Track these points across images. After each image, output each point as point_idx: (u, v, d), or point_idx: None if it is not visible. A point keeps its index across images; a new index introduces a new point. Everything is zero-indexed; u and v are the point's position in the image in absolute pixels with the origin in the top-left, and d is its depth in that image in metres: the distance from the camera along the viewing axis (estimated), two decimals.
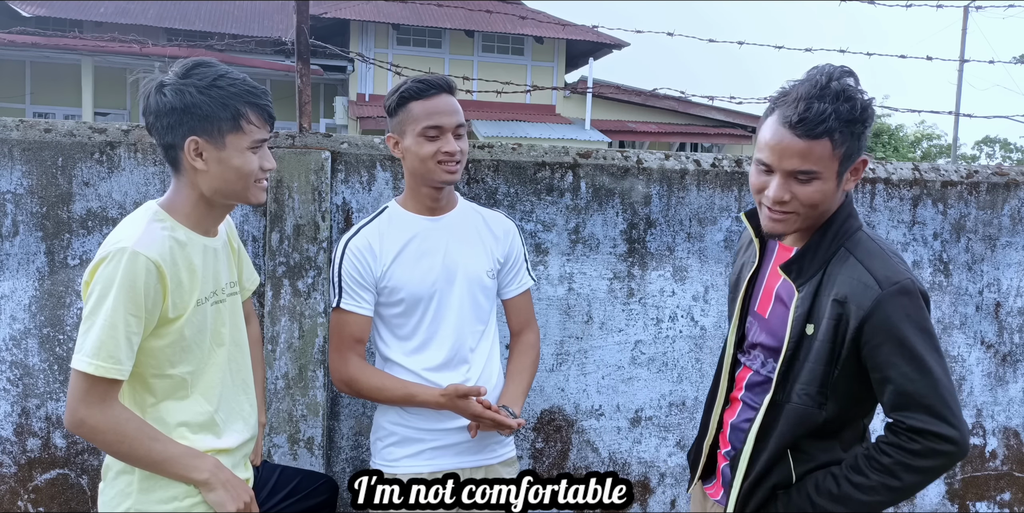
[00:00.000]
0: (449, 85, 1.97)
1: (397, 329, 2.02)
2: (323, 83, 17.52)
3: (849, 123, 1.51)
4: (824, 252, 1.61)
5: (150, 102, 1.61)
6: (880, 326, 1.52)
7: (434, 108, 1.94)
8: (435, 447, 2.01)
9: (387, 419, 2.04)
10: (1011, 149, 35.51)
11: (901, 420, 1.52)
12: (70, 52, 14.11)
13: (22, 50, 14.33)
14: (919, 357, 1.51)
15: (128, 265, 1.51)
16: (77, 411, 1.53)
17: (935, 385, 1.51)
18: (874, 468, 1.54)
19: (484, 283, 2.05)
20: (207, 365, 1.68)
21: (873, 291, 1.52)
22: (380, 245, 1.99)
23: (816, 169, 1.53)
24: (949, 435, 1.49)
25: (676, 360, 2.65)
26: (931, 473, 1.53)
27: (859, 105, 1.52)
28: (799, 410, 1.62)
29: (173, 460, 1.59)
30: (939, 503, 2.89)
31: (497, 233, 2.11)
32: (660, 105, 17.82)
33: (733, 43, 3.41)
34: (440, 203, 2.04)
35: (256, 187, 1.68)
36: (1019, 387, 2.93)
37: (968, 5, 8.29)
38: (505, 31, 17.06)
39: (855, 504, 1.55)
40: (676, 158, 2.64)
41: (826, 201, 1.57)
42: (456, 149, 1.94)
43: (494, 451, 2.07)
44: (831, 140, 1.51)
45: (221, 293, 1.72)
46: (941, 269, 2.83)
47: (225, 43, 3.32)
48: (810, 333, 1.60)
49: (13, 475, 2.27)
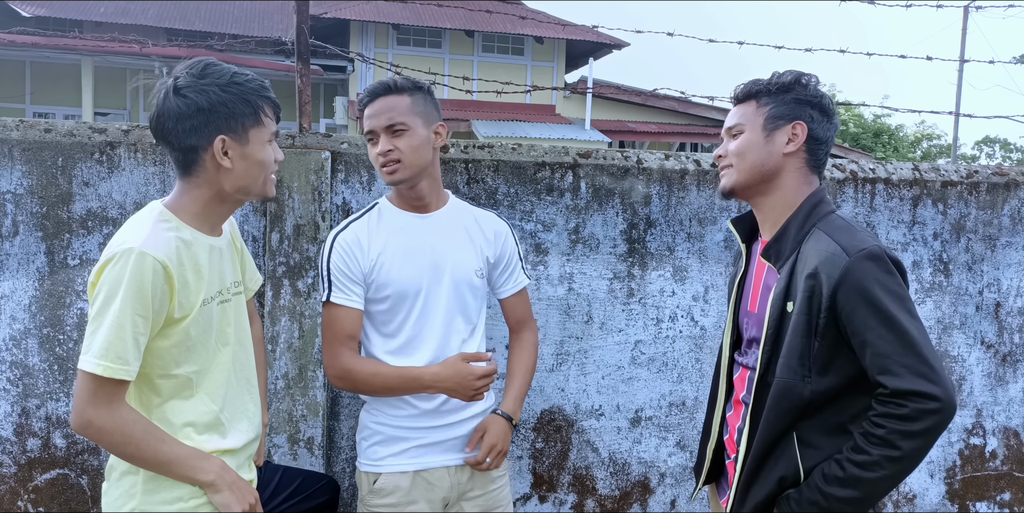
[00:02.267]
0: (393, 86, 1.98)
1: (382, 326, 2.02)
2: (323, 83, 17.52)
3: (773, 87, 1.74)
4: (797, 233, 1.69)
5: (168, 106, 1.58)
6: (851, 290, 1.56)
7: (368, 113, 1.98)
8: (419, 445, 2.01)
9: (372, 418, 2.04)
10: (1011, 149, 35.52)
11: (884, 384, 1.53)
12: (70, 52, 14.10)
13: (22, 50, 14.32)
14: (892, 318, 1.53)
15: (135, 266, 1.51)
16: (84, 412, 1.53)
17: (911, 343, 1.52)
18: (872, 443, 1.54)
19: (472, 282, 2.05)
20: (212, 365, 1.68)
21: (841, 259, 1.58)
22: (368, 240, 1.99)
23: (740, 122, 1.77)
24: (932, 392, 1.49)
25: (676, 360, 2.65)
26: (927, 435, 1.51)
27: (790, 77, 1.75)
28: (782, 384, 1.65)
29: (179, 461, 1.59)
30: (939, 503, 2.89)
31: (487, 233, 2.11)
32: (660, 105, 17.82)
33: (733, 43, 3.41)
34: (424, 201, 2.04)
35: (270, 180, 1.71)
36: (1019, 387, 2.93)
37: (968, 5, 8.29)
38: (505, 31, 17.06)
39: (864, 484, 1.55)
40: (676, 158, 2.64)
41: (752, 149, 1.74)
42: (384, 148, 1.95)
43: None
44: (756, 101, 1.76)
45: (226, 292, 1.72)
46: (941, 269, 2.83)
47: (225, 43, 3.32)
48: (790, 310, 1.64)
49: (13, 475, 2.27)
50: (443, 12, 16.64)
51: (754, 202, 1.80)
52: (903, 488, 2.85)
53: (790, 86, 1.73)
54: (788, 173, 1.73)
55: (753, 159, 1.73)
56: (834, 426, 1.64)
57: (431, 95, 2.04)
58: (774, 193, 1.75)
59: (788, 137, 1.72)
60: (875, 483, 1.55)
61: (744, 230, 1.87)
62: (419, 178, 1.99)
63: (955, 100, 20.83)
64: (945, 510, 2.90)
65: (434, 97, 2.05)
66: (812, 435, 1.65)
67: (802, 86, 1.74)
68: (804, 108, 1.73)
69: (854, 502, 1.57)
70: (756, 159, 1.73)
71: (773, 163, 1.73)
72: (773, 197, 1.75)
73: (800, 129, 1.72)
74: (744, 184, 1.76)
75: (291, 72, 12.18)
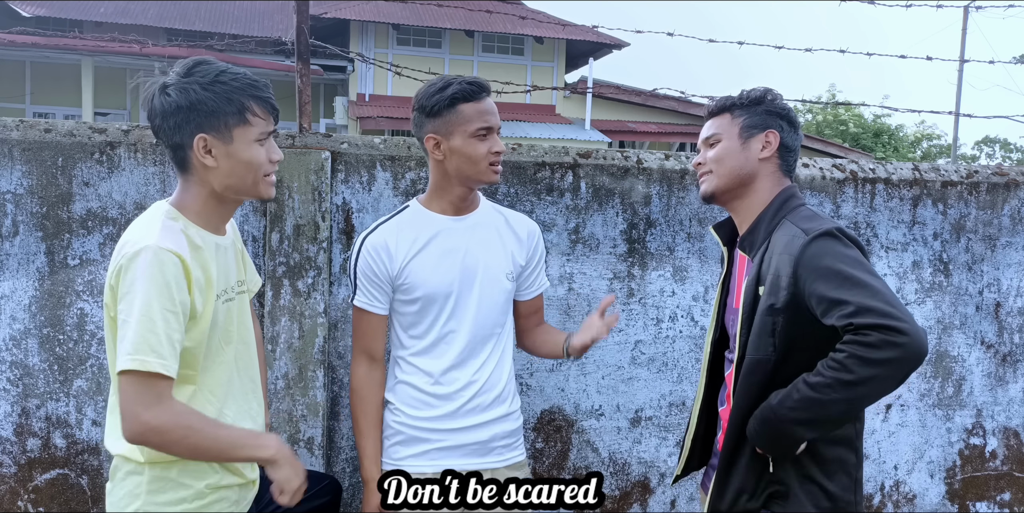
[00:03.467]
0: (490, 88, 2.02)
1: (411, 328, 2.03)
2: (323, 83, 17.52)
3: (746, 100, 1.88)
4: (768, 224, 1.81)
5: (155, 104, 1.61)
6: (808, 264, 1.64)
7: (485, 110, 1.97)
8: (440, 448, 2.01)
9: (393, 417, 2.05)
10: (1011, 149, 35.51)
11: (851, 323, 1.55)
12: (70, 52, 14.11)
13: (22, 50, 14.33)
14: (851, 276, 1.60)
15: (155, 262, 1.50)
16: (139, 416, 1.48)
17: (875, 293, 1.57)
18: (829, 366, 1.59)
19: (503, 285, 2.05)
20: (214, 363, 1.68)
21: (800, 239, 1.69)
22: (396, 243, 2.00)
23: (717, 131, 1.89)
24: (901, 327, 1.51)
25: (676, 360, 2.65)
26: (884, 365, 1.52)
27: (761, 92, 1.89)
28: (751, 361, 1.73)
29: (241, 443, 1.60)
30: (939, 503, 2.89)
31: (520, 235, 2.11)
32: (660, 105, 17.83)
33: (733, 43, 3.40)
34: (467, 203, 2.06)
35: (265, 181, 1.69)
36: (1019, 387, 2.93)
37: (968, 5, 8.30)
38: (505, 31, 17.06)
39: (813, 406, 1.60)
40: (676, 158, 2.64)
41: (730, 156, 1.86)
42: (500, 148, 1.99)
43: (501, 454, 2.07)
44: (730, 113, 1.89)
45: (232, 291, 1.73)
46: (941, 269, 2.83)
47: (225, 43, 3.32)
48: (761, 294, 1.73)
49: (13, 475, 2.27)
50: (443, 12, 16.64)
51: (732, 206, 1.91)
52: (903, 488, 2.85)
53: (760, 99, 1.88)
54: (763, 177, 1.86)
55: (731, 164, 1.86)
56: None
57: None
58: (750, 196, 1.87)
59: (762, 144, 1.85)
60: (824, 405, 1.58)
61: (725, 234, 1.98)
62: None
63: (955, 100, 20.82)
64: (945, 510, 2.90)
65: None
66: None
67: (771, 100, 1.89)
68: (775, 118, 1.87)
69: (802, 423, 1.63)
70: (734, 164, 1.86)
71: (750, 168, 1.85)
72: (749, 200, 1.87)
73: (773, 137, 1.86)
74: (723, 188, 1.87)
75: (291, 72, 12.17)
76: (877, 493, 2.83)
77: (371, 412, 2.04)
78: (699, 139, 1.96)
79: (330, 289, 2.37)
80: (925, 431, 2.85)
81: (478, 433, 2.03)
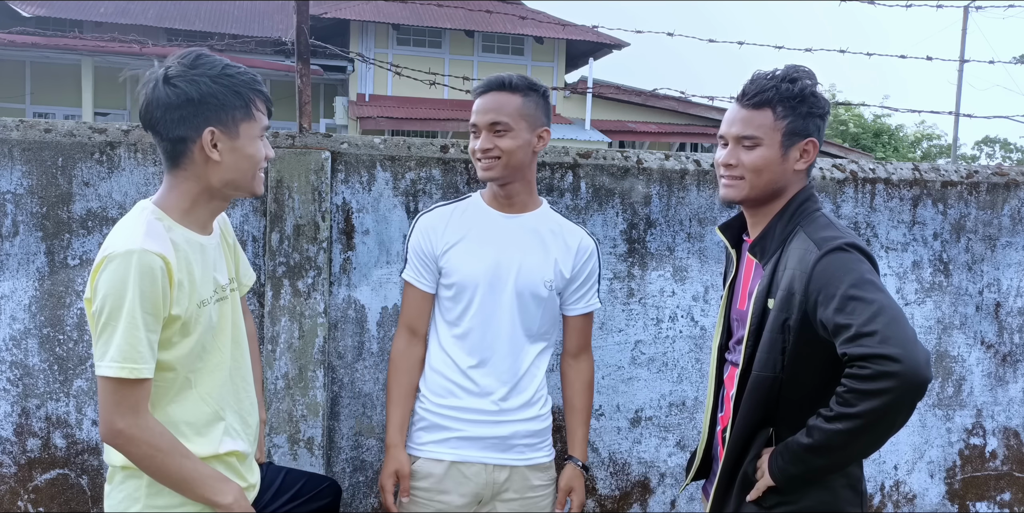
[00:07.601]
0: (508, 83, 1.99)
1: (447, 313, 2.08)
2: (323, 83, 17.52)
3: (791, 99, 1.70)
4: (782, 231, 1.73)
5: (158, 95, 1.56)
6: (818, 281, 1.59)
7: (477, 107, 2.00)
8: (461, 437, 2.03)
9: (419, 405, 2.09)
10: (1011, 149, 35.52)
11: (849, 353, 1.53)
12: (70, 52, 14.11)
13: (22, 50, 14.33)
14: (856, 297, 1.55)
15: (141, 264, 1.49)
16: (114, 422, 1.51)
17: (878, 313, 1.52)
18: (835, 401, 1.56)
19: (539, 292, 2.04)
20: (208, 364, 1.67)
21: (813, 254, 1.62)
22: (445, 227, 2.06)
23: (757, 135, 1.71)
24: (892, 354, 1.47)
25: (676, 360, 2.65)
26: (883, 396, 1.49)
27: (803, 87, 1.70)
28: (757, 378, 1.69)
29: (201, 480, 1.58)
30: (939, 503, 2.89)
31: (571, 245, 2.09)
32: (660, 105, 17.82)
33: (733, 43, 3.40)
34: (512, 201, 2.06)
35: (259, 177, 1.68)
36: (1019, 387, 2.93)
37: (968, 5, 8.30)
38: (505, 31, 17.06)
39: (821, 434, 1.57)
40: (676, 158, 2.64)
41: (769, 168, 1.72)
42: (484, 146, 1.97)
43: (522, 453, 2.07)
44: (772, 111, 1.70)
45: (222, 291, 1.71)
46: (941, 269, 2.83)
47: (225, 43, 3.31)
48: (771, 306, 1.68)
49: (13, 475, 2.27)
50: (443, 12, 16.64)
51: (752, 210, 1.83)
52: (903, 488, 2.85)
53: (804, 97, 1.71)
54: (792, 185, 1.78)
55: (769, 177, 1.73)
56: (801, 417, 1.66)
57: (545, 99, 2.04)
58: (774, 202, 1.78)
59: (800, 153, 1.74)
60: (830, 435, 1.57)
61: (732, 235, 1.91)
62: (513, 178, 2.02)
63: (955, 100, 20.83)
64: (945, 510, 2.90)
65: (548, 101, 2.06)
66: (789, 433, 1.67)
67: (813, 99, 1.72)
68: (815, 121, 1.73)
69: (811, 449, 1.60)
70: (772, 177, 1.74)
71: (786, 179, 1.75)
72: (771, 206, 1.79)
73: (812, 146, 1.74)
74: (755, 199, 1.77)
75: (291, 72, 12.16)
76: (877, 493, 2.83)
77: (404, 383, 2.08)
78: (727, 130, 1.76)
79: (330, 289, 2.37)
80: (925, 431, 2.85)
81: (498, 429, 2.04)
